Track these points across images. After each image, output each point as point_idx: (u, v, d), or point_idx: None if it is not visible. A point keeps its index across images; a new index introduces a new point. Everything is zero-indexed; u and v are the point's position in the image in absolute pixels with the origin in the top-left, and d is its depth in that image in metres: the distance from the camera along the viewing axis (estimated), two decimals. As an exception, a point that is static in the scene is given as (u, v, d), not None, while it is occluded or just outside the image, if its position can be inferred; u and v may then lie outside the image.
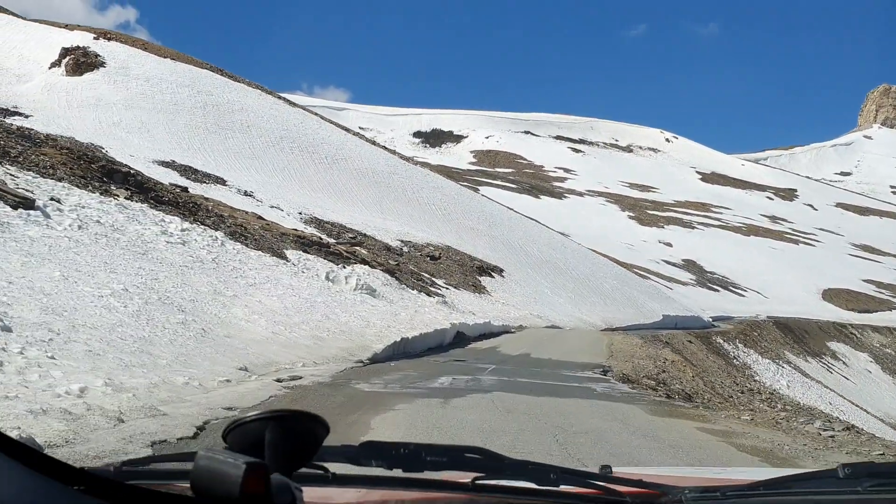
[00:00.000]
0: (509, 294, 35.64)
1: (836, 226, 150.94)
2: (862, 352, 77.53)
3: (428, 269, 33.19)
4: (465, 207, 46.70)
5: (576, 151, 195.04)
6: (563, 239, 53.73)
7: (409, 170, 49.96)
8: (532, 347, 17.12)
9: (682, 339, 41.13)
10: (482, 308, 28.57)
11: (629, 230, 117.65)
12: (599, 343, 20.01)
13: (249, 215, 21.51)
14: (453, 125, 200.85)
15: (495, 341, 18.49)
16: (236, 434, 1.04)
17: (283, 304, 13.84)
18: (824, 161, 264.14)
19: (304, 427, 1.06)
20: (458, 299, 28.68)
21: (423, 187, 46.17)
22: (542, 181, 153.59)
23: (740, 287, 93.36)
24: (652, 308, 48.00)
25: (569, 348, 17.50)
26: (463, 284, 33.08)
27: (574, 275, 44.92)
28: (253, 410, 3.25)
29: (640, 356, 15.94)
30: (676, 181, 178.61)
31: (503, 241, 44.02)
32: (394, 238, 36.30)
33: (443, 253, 37.10)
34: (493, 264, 39.22)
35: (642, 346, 19.39)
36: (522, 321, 29.44)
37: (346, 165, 43.71)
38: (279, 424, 1.03)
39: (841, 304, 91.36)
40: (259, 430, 1.03)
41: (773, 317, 75.93)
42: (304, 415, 1.05)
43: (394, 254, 33.47)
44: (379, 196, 41.80)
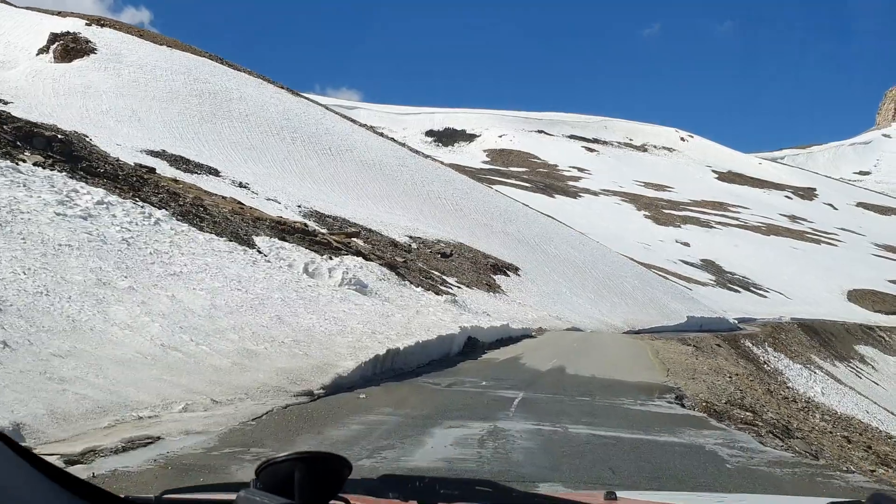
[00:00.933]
0: (526, 294, 32.97)
1: (858, 225, 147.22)
2: (891, 356, 74.39)
3: (438, 267, 30.58)
4: (479, 203, 44.02)
5: (590, 151, 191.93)
6: (581, 237, 50.97)
7: (419, 162, 47.29)
8: (563, 359, 14.06)
9: (711, 342, 38.27)
10: (497, 308, 25.90)
11: (645, 230, 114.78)
12: (642, 351, 17.14)
13: (228, 200, 18.91)
14: (466, 124, 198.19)
15: (515, 349, 15.56)
16: (269, 472, 1.12)
17: (210, 302, 10.42)
18: (843, 160, 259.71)
19: (329, 466, 1.15)
20: (470, 299, 26.08)
21: (434, 181, 43.52)
22: (556, 180, 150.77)
23: (762, 288, 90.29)
24: (675, 309, 45.17)
25: (610, 359, 14.56)
26: (476, 283, 30.45)
27: (593, 274, 42.16)
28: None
29: (703, 370, 12.99)
30: (692, 180, 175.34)
31: (518, 238, 41.32)
32: (402, 234, 33.74)
33: (455, 250, 34.48)
34: (509, 262, 36.57)
35: (695, 356, 16.72)
36: (541, 323, 26.78)
37: (352, 157, 41.13)
38: (307, 464, 1.12)
39: (867, 305, 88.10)
40: (289, 469, 1.12)
41: (798, 318, 73.26)
42: (330, 456, 1.16)
43: (401, 250, 30.88)
44: (386, 190, 39.23)
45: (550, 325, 27.65)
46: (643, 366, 13.72)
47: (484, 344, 14.87)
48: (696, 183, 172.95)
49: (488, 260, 35.26)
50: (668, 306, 44.10)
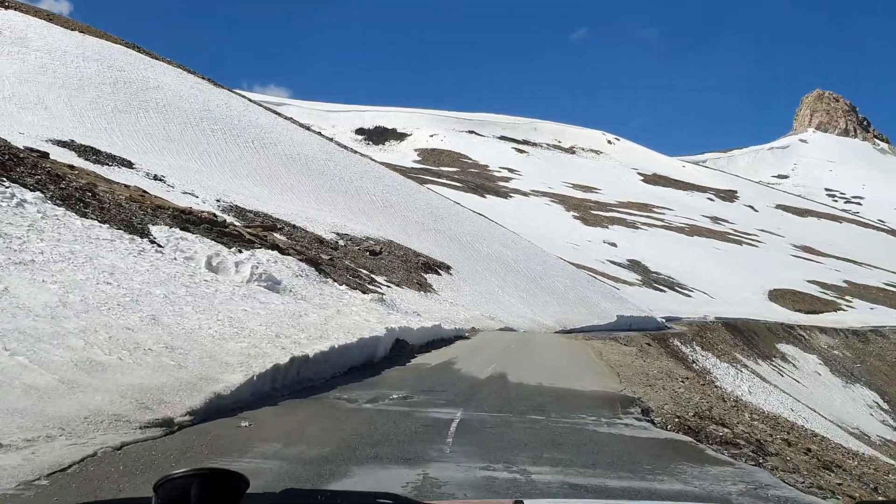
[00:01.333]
0: (458, 293, 32.03)
1: (777, 227, 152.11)
2: (811, 354, 76.52)
3: (367, 265, 29.35)
4: (409, 200, 42.92)
5: (520, 152, 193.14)
6: (513, 236, 50.41)
7: (348, 158, 45.84)
8: (503, 363, 12.73)
9: (641, 341, 38.11)
10: (429, 308, 24.85)
11: (574, 230, 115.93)
12: (584, 353, 16.18)
13: (132, 189, 17.27)
14: (397, 123, 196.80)
15: (448, 352, 14.31)
16: (166, 487, 1.12)
17: (60, 298, 8.28)
18: (762, 164, 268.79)
19: (225, 482, 1.14)
20: (400, 298, 24.95)
21: (363, 177, 42.18)
22: (487, 180, 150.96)
23: (686, 287, 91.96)
24: (605, 308, 45.03)
25: (553, 363, 13.41)
26: (406, 282, 29.35)
27: (526, 273, 41.58)
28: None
29: (655, 374, 12.06)
30: (619, 182, 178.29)
31: (450, 236, 40.39)
32: (328, 230, 32.37)
33: (384, 248, 33.28)
34: (440, 261, 35.57)
35: (641, 357, 15.95)
36: (474, 323, 25.86)
37: (276, 151, 39.45)
38: (203, 480, 1.12)
39: (787, 304, 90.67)
40: (186, 485, 1.12)
41: (721, 318, 74.57)
42: (227, 472, 1.15)
43: (327, 247, 29.52)
44: (313, 185, 37.72)
45: (484, 324, 26.79)
46: (591, 370, 12.63)
47: (414, 347, 13.50)
48: (623, 185, 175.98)
49: (419, 258, 34.20)
50: (599, 305, 43.91)
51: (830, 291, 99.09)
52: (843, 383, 71.80)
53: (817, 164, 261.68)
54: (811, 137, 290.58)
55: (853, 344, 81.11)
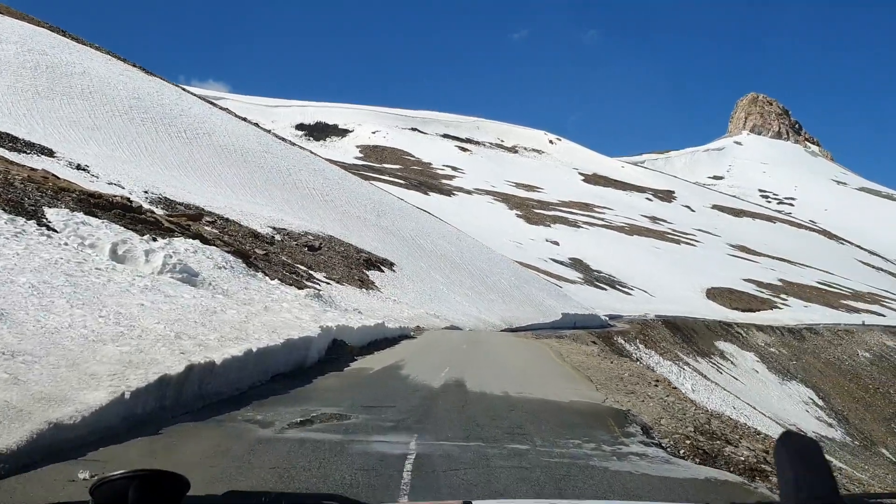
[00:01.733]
0: (401, 290, 30.87)
1: (713, 227, 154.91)
2: (748, 351, 77.67)
3: (305, 261, 27.97)
4: (351, 194, 41.52)
5: (463, 150, 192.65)
6: (458, 232, 49.46)
7: (286, 150, 44.11)
8: (458, 367, 11.05)
9: (587, 339, 37.65)
10: (371, 306, 23.64)
11: (517, 228, 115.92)
12: (544, 354, 15.03)
13: (34, 171, 15.56)
14: (338, 119, 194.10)
15: (394, 354, 12.76)
16: (103, 490, 1.10)
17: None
18: (698, 165, 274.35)
19: (165, 484, 1.13)
20: (341, 296, 23.69)
21: (302, 170, 40.59)
22: (430, 178, 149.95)
23: (627, 286, 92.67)
24: (550, 306, 44.45)
25: (514, 367, 11.93)
26: (347, 279, 28.06)
27: (471, 270, 40.64)
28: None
29: (628, 378, 10.84)
30: (560, 182, 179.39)
31: (393, 232, 39.17)
32: (264, 224, 30.84)
33: (324, 243, 31.90)
34: (383, 257, 34.36)
35: (605, 359, 14.96)
36: (419, 321, 24.75)
37: (210, 142, 37.61)
38: (142, 482, 1.11)
39: (725, 302, 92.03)
40: (124, 487, 1.10)
41: (661, 316, 75.13)
42: (166, 473, 1.14)
43: (263, 241, 28.03)
44: (249, 177, 36.05)
45: (429, 323, 25.71)
46: (558, 374, 11.22)
47: (353, 349, 11.89)
48: (564, 184, 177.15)
49: (361, 254, 32.93)
50: (544, 303, 43.28)
51: (766, 290, 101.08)
52: (780, 380, 72.97)
53: (751, 166, 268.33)
54: (745, 140, 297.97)
55: (789, 342, 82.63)
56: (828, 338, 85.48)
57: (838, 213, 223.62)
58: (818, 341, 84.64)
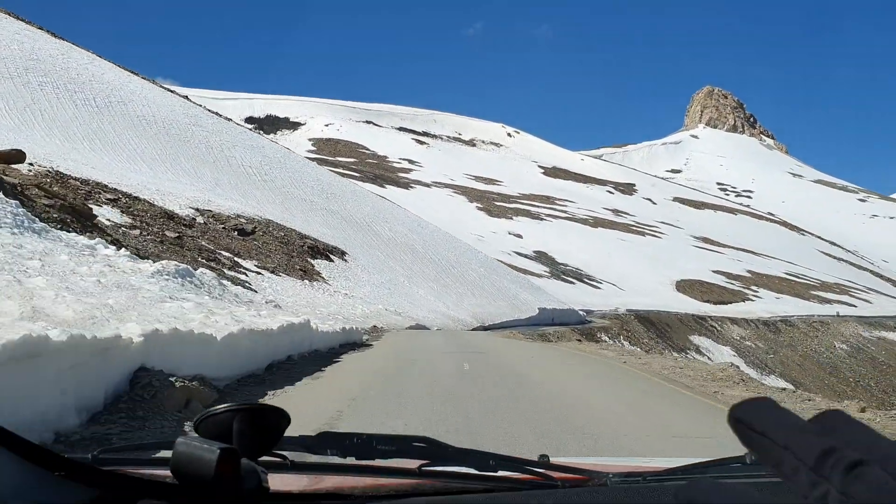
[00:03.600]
0: (354, 283, 25.50)
1: (676, 219, 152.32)
2: (724, 345, 74.12)
3: (232, 247, 22.45)
4: (296, 175, 35.92)
5: (420, 143, 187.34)
6: (419, 219, 44.12)
7: (218, 124, 38.24)
8: (474, 426, 5.27)
9: (572, 337, 32.76)
10: (313, 301, 18.28)
11: (478, 221, 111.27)
12: (615, 373, 9.90)
13: None
14: (290, 112, 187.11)
15: (300, 396, 6.66)
16: (207, 423, 1.10)
17: None
18: (656, 159, 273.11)
19: (268, 418, 1.12)
20: (273, 287, 18.30)
21: (237, 146, 34.87)
22: (386, 171, 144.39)
23: (595, 279, 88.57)
24: (525, 300, 39.43)
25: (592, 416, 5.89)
26: (286, 269, 22.58)
27: (435, 260, 35.41)
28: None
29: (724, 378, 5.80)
30: (520, 175, 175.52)
31: (345, 217, 33.73)
32: (186, 205, 25.23)
33: (259, 227, 26.37)
34: (332, 245, 28.95)
35: (660, 357, 9.76)
36: (375, 320, 19.42)
37: (125, 111, 31.72)
38: (247, 415, 1.10)
39: (696, 295, 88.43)
40: (228, 420, 1.10)
41: (633, 310, 71.46)
42: (268, 408, 1.12)
43: (180, 224, 22.43)
44: (172, 153, 30.32)
45: (388, 322, 20.36)
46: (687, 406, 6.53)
47: (204, 389, 5.19)
48: (524, 177, 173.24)
49: (305, 241, 27.46)
50: (519, 297, 38.24)
51: (736, 281, 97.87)
52: (759, 375, 69.26)
53: (708, 159, 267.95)
54: (702, 133, 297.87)
55: (765, 334, 79.43)
56: (803, 330, 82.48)
57: (796, 204, 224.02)
58: (794, 334, 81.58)
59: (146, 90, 36.50)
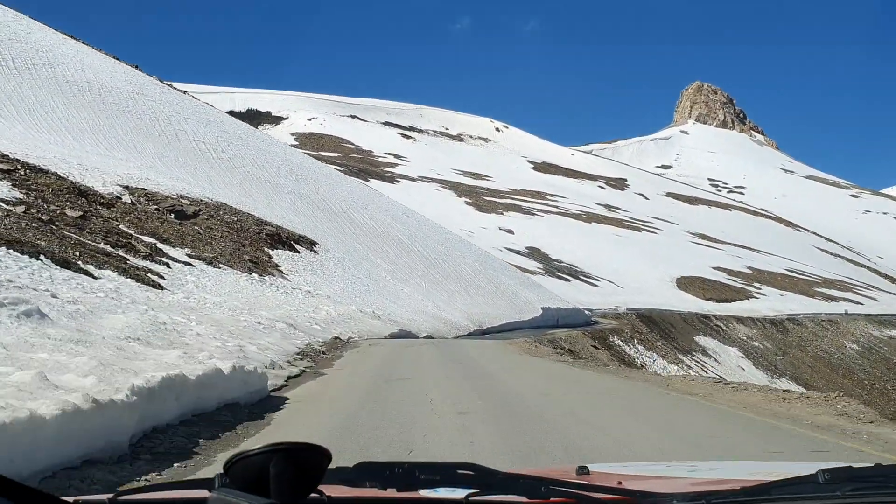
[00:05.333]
0: (323, 278, 20.56)
1: (669, 215, 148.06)
2: (731, 346, 69.68)
3: (162, 231, 17.40)
4: (259, 153, 30.90)
5: (406, 138, 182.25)
6: (405, 207, 39.12)
7: (167, 94, 33.11)
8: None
9: (586, 343, 27.96)
10: (256, 300, 13.31)
11: (467, 216, 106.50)
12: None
13: None
14: (271, 106, 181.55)
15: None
16: (239, 467, 1.04)
17: None
18: (645, 155, 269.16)
19: (307, 458, 1.06)
20: (207, 282, 13.32)
21: (190, 119, 29.81)
22: (371, 166, 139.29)
23: (591, 276, 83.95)
24: (527, 299, 34.58)
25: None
26: (231, 259, 17.54)
27: (424, 254, 30.51)
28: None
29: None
30: (509, 170, 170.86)
31: (317, 202, 28.74)
32: (113, 182, 20.23)
33: (205, 210, 21.34)
34: (299, 234, 23.98)
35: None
36: (344, 325, 14.48)
37: (52, 75, 26.63)
38: (284, 457, 1.03)
39: (697, 293, 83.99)
40: (263, 463, 1.03)
41: (633, 308, 67.01)
42: (307, 446, 1.07)
43: (95, 203, 17.42)
44: (106, 123, 25.30)
45: (362, 328, 15.39)
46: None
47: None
48: (513, 172, 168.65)
49: (264, 227, 22.45)
50: (519, 295, 33.38)
51: (738, 278, 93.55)
52: (769, 378, 65.07)
53: (699, 155, 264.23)
54: (692, 129, 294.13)
55: (772, 334, 75.13)
56: (812, 329, 78.20)
57: (789, 200, 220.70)
58: (802, 333, 77.28)
59: (83, 55, 31.31)
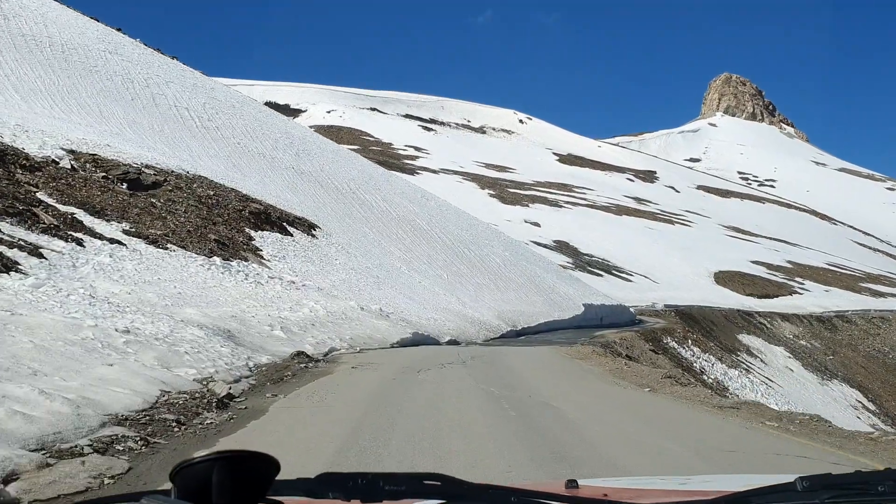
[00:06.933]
0: (321, 267, 16.24)
1: (700, 208, 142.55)
2: (777, 345, 64.61)
3: (94, 201, 13.07)
4: (254, 124, 26.70)
5: (427, 130, 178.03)
6: (423, 190, 34.75)
7: (149, 56, 28.98)
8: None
9: (644, 347, 23.51)
10: (192, 295, 8.76)
11: (491, 209, 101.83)
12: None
13: None
14: (290, 98, 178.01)
15: None
16: (184, 475, 1.02)
17: None
18: (673, 148, 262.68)
19: (252, 467, 1.03)
20: (138, 266, 8.85)
21: (172, 83, 25.66)
22: (391, 158, 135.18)
23: (625, 271, 78.99)
24: (566, 295, 30.05)
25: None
26: (188, 240, 13.27)
27: (445, 241, 26.08)
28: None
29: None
30: (533, 162, 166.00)
31: (321, 181, 24.46)
32: (57, 145, 16.02)
33: (179, 182, 17.09)
34: (296, 215, 19.64)
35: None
36: (337, 329, 10.11)
37: (5, 27, 22.62)
38: (227, 465, 1.01)
39: (737, 288, 78.82)
40: (206, 471, 1.01)
41: (671, 305, 62.11)
42: (252, 454, 1.04)
43: (15, 165, 13.20)
44: (68, 83, 21.25)
45: (361, 332, 10.94)
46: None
47: None
48: (538, 165, 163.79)
49: (248, 205, 18.08)
50: (557, 290, 28.89)
51: (778, 273, 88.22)
52: (819, 380, 60.10)
53: (728, 148, 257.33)
54: (720, 121, 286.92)
55: (820, 332, 70.01)
56: (862, 327, 72.95)
57: (821, 194, 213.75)
58: (852, 331, 72.06)
59: (46, 8, 27.29)
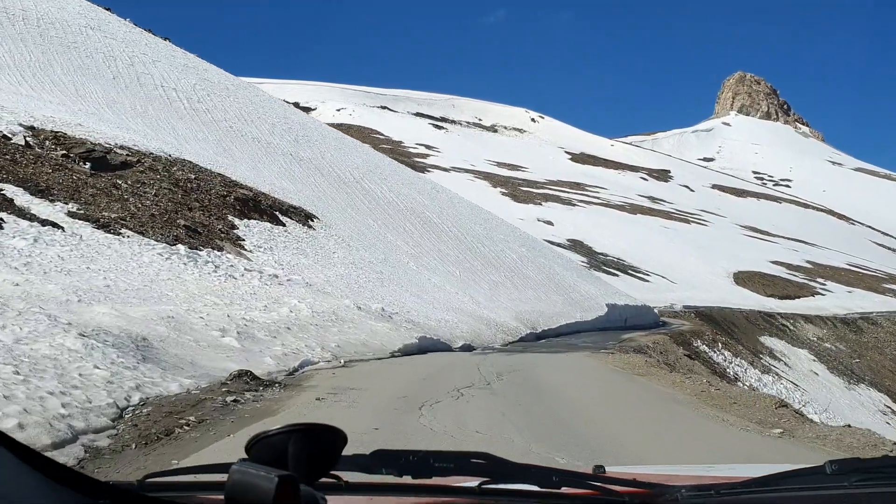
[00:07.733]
0: (313, 260, 14.17)
1: (716, 207, 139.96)
2: (801, 348, 62.12)
3: (40, 179, 10.86)
4: (249, 107, 24.70)
5: (438, 128, 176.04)
6: (434, 182, 32.68)
7: (135, 34, 26.93)
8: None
9: (678, 352, 21.34)
10: (127, 290, 6.48)
11: (503, 207, 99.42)
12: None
13: None
14: (300, 97, 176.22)
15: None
16: (260, 447, 1.07)
17: None
18: (687, 147, 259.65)
19: (324, 439, 1.10)
20: (76, 252, 6.62)
21: (160, 62, 23.60)
22: (401, 156, 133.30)
23: (641, 270, 76.58)
24: (588, 294, 27.86)
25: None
26: (149, 225, 10.90)
27: (457, 235, 23.95)
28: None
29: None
30: (546, 161, 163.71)
31: (320, 168, 22.41)
32: (12, 122, 13.95)
33: (149, 163, 15.01)
34: (291, 204, 17.54)
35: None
36: (321, 335, 7.94)
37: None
38: (302, 437, 1.07)
39: (758, 289, 76.40)
40: (282, 442, 1.07)
41: (691, 306, 59.78)
42: (324, 427, 1.10)
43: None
44: (42, 59, 19.32)
45: (354, 338, 8.70)
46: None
47: None
48: (551, 163, 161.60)
49: (233, 190, 15.96)
50: (578, 289, 26.71)
51: (798, 273, 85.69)
52: (846, 384, 57.54)
53: (742, 147, 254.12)
54: (734, 121, 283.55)
55: (844, 335, 67.48)
56: (889, 329, 70.43)
57: (838, 194, 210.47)
58: (879, 334, 69.50)
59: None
